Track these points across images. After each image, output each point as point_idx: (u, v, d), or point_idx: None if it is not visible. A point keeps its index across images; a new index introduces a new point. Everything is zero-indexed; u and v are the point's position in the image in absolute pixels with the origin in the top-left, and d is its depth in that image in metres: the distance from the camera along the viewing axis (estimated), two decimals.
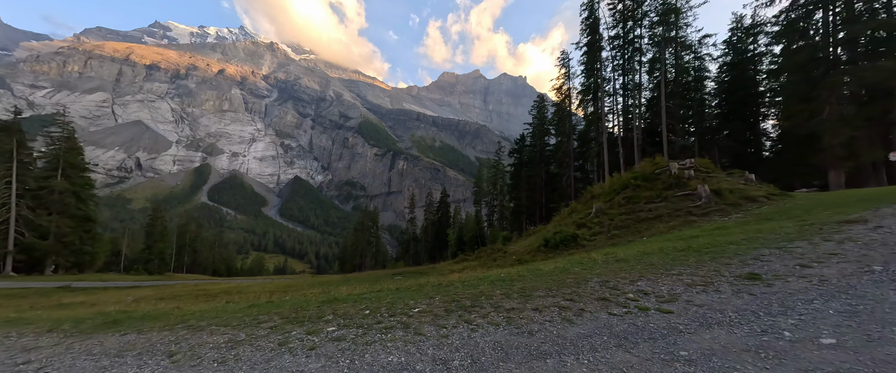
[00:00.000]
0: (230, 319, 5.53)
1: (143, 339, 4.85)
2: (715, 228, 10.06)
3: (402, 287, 7.27)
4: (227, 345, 4.17)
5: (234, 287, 18.40)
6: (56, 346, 4.93)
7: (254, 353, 3.83)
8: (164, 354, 4.13)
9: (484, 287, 5.76)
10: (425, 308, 4.83)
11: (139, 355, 4.16)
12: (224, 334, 4.67)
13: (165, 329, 5.26)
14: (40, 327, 6.29)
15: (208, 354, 3.94)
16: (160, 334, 5.03)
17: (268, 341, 4.19)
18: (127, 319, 6.40)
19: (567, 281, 5.43)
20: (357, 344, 3.73)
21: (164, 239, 60.74)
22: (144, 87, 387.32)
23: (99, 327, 6.00)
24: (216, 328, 5.00)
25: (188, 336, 4.73)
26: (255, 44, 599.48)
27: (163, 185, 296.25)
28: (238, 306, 7.34)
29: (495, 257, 18.84)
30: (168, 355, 4.04)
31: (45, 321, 6.83)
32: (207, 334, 4.72)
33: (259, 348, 3.94)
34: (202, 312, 6.64)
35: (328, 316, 5.00)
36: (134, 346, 4.56)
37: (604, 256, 8.20)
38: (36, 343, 5.16)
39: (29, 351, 4.74)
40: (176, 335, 4.84)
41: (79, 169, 34.03)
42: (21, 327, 6.53)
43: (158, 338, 4.80)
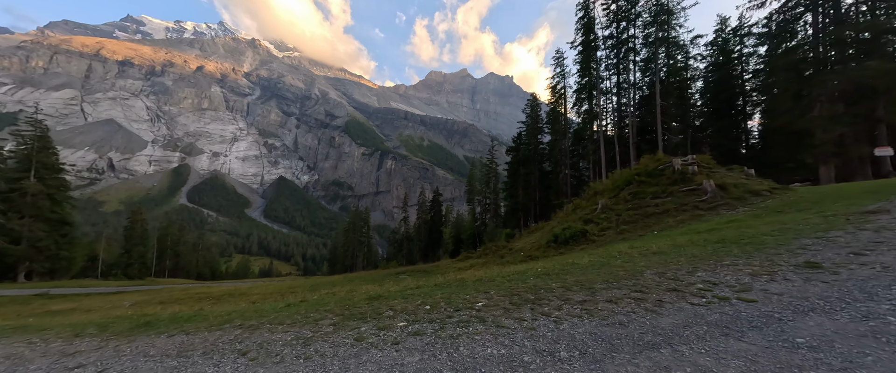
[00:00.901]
0: (280, 317, 5.31)
1: (198, 339, 4.59)
2: (728, 222, 10.35)
3: (441, 284, 7.13)
4: (299, 342, 4.00)
5: (234, 290, 17.75)
6: (99, 349, 4.60)
7: (334, 348, 3.68)
8: (235, 352, 3.93)
9: (534, 282, 5.71)
10: (488, 303, 4.74)
11: (207, 355, 3.93)
12: (286, 332, 4.47)
13: (214, 329, 4.99)
14: (61, 333, 5.86)
15: (285, 351, 3.77)
16: (211, 334, 4.77)
17: (340, 337, 4.03)
18: (157, 321, 6.04)
19: (619, 274, 5.43)
20: (441, 338, 3.62)
21: (144, 242, 58.14)
22: (117, 84, 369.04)
23: (133, 329, 5.65)
24: (272, 326, 4.79)
25: (247, 335, 4.51)
26: (235, 40, 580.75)
27: (138, 186, 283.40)
28: (275, 305, 7.04)
29: (502, 254, 18.89)
30: (241, 354, 3.84)
31: (61, 327, 6.36)
32: (267, 333, 4.50)
33: (336, 344, 3.79)
34: (241, 312, 6.32)
35: (388, 312, 4.84)
36: (192, 346, 4.33)
37: (631, 249, 8.28)
38: (73, 348, 4.82)
39: (72, 356, 4.43)
40: (231, 335, 4.60)
41: (53, 170, 32.01)
42: (37, 333, 6.05)
43: (214, 338, 4.55)
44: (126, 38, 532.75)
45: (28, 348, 5.02)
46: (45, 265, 30.20)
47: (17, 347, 5.14)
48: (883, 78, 14.25)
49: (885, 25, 14.79)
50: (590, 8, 31.34)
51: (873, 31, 15.04)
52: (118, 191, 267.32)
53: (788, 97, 17.45)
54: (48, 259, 30.11)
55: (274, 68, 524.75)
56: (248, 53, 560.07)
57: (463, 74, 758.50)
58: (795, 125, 16.94)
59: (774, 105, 19.67)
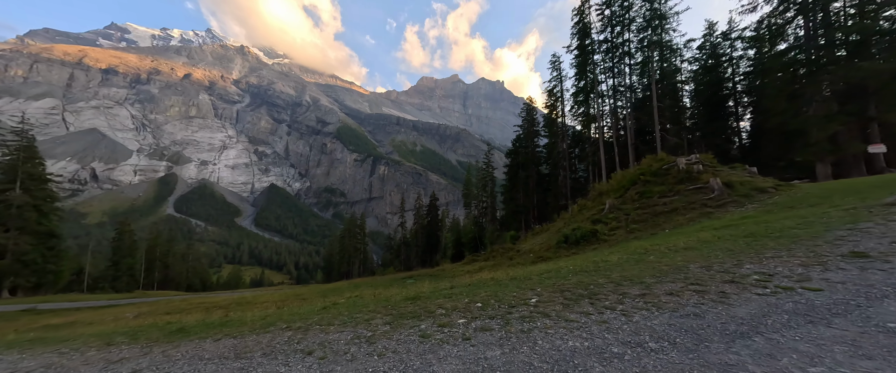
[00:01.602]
0: (325, 319, 5.21)
1: (249, 342, 4.46)
2: (742, 218, 10.54)
3: (476, 284, 7.05)
4: (362, 341, 3.93)
5: (240, 299, 17.26)
6: (146, 355, 4.45)
7: (404, 345, 3.62)
8: (299, 352, 3.84)
9: (576, 278, 5.68)
10: (541, 299, 4.70)
11: (269, 355, 3.83)
12: (341, 332, 4.38)
13: (260, 332, 4.88)
14: (89, 343, 5.62)
15: (352, 349, 3.70)
16: (259, 336, 4.65)
17: (402, 335, 3.97)
18: (191, 328, 5.85)
19: (662, 269, 5.44)
20: (512, 333, 3.59)
21: (132, 254, 56.37)
22: (100, 92, 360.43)
23: (168, 336, 5.46)
24: (323, 327, 4.71)
25: (300, 336, 4.42)
26: (224, 47, 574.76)
27: (123, 197, 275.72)
28: (309, 308, 6.88)
29: (511, 256, 18.87)
30: (306, 354, 3.75)
31: (84, 337, 6.09)
32: (321, 333, 4.41)
33: (403, 341, 3.74)
34: (277, 316, 6.14)
35: (440, 311, 4.77)
36: (247, 348, 4.21)
37: (653, 246, 8.32)
38: (117, 355, 4.64)
39: (120, 362, 4.27)
40: (282, 337, 4.49)
41: (40, 181, 30.86)
42: (60, 344, 5.77)
43: (266, 340, 4.43)
44: (110, 45, 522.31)
45: (62, 357, 4.78)
46: (31, 280, 28.93)
47: (49, 357, 4.90)
48: (874, 78, 14.86)
49: (873, 27, 15.48)
50: (585, 13, 32.03)
51: (862, 33, 15.72)
52: (102, 202, 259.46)
53: (783, 98, 18.03)
54: (34, 273, 28.86)
55: (264, 75, 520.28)
56: (237, 61, 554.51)
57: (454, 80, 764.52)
58: (791, 125, 17.49)
59: (768, 106, 20.28)
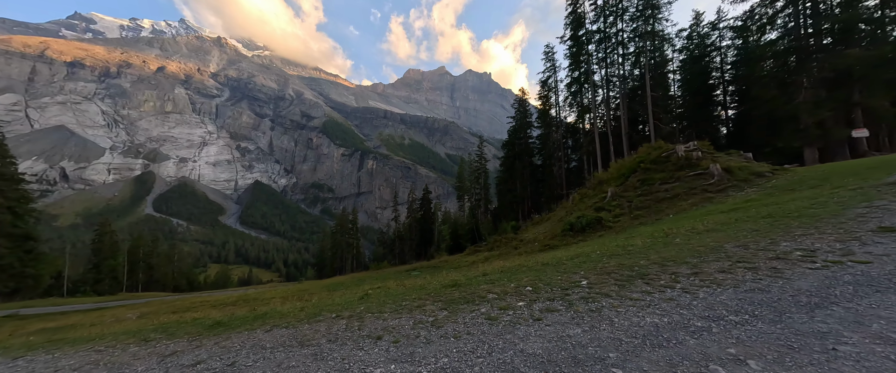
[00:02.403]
0: (372, 307, 5.19)
1: (306, 331, 4.44)
2: (746, 201, 10.93)
3: (511, 269, 7.08)
4: (428, 325, 3.94)
5: (244, 296, 16.88)
6: (198, 348, 4.36)
7: (476, 327, 3.64)
8: (368, 337, 3.83)
9: (615, 261, 5.78)
10: (592, 281, 4.76)
11: (337, 341, 3.81)
12: (398, 318, 4.40)
13: (312, 321, 4.84)
14: (122, 340, 5.44)
15: (422, 333, 3.71)
16: (313, 325, 4.64)
17: (467, 318, 3.99)
18: (229, 321, 5.71)
19: (698, 250, 5.59)
20: (581, 312, 3.66)
21: (114, 256, 54.23)
22: (66, 87, 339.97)
23: (210, 329, 5.32)
24: (376, 315, 4.72)
25: (357, 324, 4.39)
26: (199, 39, 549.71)
27: (97, 197, 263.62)
28: (345, 298, 6.80)
29: (516, 245, 19.08)
30: (376, 339, 3.74)
31: (116, 335, 5.85)
32: (379, 320, 4.43)
33: (471, 325, 3.76)
34: (319, 306, 6.04)
35: (490, 296, 4.80)
36: (307, 336, 4.18)
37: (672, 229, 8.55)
38: (165, 350, 4.50)
39: (176, 355, 4.15)
40: (338, 325, 4.48)
41: (12, 181, 29.04)
42: (89, 343, 5.51)
43: (324, 328, 4.42)
44: (75, 37, 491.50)
45: (103, 354, 4.60)
46: (9, 285, 27.43)
47: (86, 354, 4.71)
48: (860, 65, 15.56)
49: (859, 16, 16.15)
50: (579, 3, 32.07)
51: (848, 22, 16.38)
52: (74, 203, 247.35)
53: (773, 85, 18.69)
54: (12, 278, 27.36)
55: (243, 68, 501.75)
56: (214, 53, 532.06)
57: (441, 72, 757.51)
58: (781, 112, 18.19)
59: (758, 94, 20.99)
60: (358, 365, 3.27)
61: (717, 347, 2.61)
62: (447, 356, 3.14)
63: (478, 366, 2.86)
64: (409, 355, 3.30)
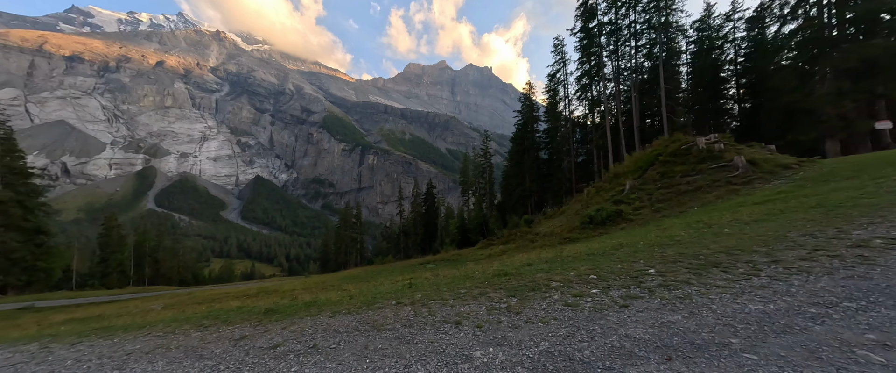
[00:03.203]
0: (433, 295, 5.15)
1: (374, 316, 4.48)
2: (778, 192, 10.80)
3: (556, 259, 7.00)
4: (502, 311, 3.94)
5: (263, 288, 16.87)
6: (266, 333, 4.40)
7: (560, 313, 3.64)
8: (448, 322, 3.84)
9: (674, 250, 5.68)
10: (661, 270, 4.67)
11: (414, 327, 3.82)
12: (468, 305, 4.40)
13: (375, 309, 4.86)
14: (176, 327, 5.39)
15: (502, 319, 3.73)
16: (380, 312, 4.69)
17: (543, 304, 3.99)
18: (280, 308, 5.70)
19: (760, 240, 5.49)
20: (669, 300, 3.64)
21: (122, 250, 54.34)
22: (65, 81, 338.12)
23: (265, 315, 5.36)
24: (442, 302, 4.73)
25: (426, 311, 4.41)
26: (198, 33, 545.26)
27: (98, 192, 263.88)
28: (391, 287, 6.78)
29: (532, 239, 19.02)
30: (455, 324, 3.75)
31: (168, 322, 5.82)
32: (448, 308, 4.43)
33: (551, 311, 3.76)
34: (373, 295, 6.00)
35: (554, 283, 4.83)
36: (377, 322, 4.19)
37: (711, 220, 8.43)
38: (232, 334, 4.55)
39: (245, 340, 4.22)
40: (404, 311, 4.50)
41: (22, 175, 28.92)
42: (144, 330, 5.52)
43: (392, 315, 4.46)
44: (72, 31, 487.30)
45: (168, 339, 4.61)
46: (22, 278, 27.48)
47: (149, 340, 4.72)
48: (885, 55, 15.30)
49: (882, 6, 15.84)
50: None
51: (873, 13, 16.07)
52: (76, 198, 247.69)
53: (793, 76, 18.44)
54: (24, 272, 27.40)
55: (243, 63, 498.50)
56: (214, 47, 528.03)
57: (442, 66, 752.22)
58: (803, 103, 17.97)
59: (778, 85, 20.73)
60: (452, 348, 3.23)
61: (851, 333, 2.51)
62: (546, 340, 3.08)
63: (588, 350, 2.78)
64: (502, 339, 3.25)
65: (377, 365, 3.10)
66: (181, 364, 3.75)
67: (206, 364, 3.66)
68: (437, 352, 3.22)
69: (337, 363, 3.25)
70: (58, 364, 4.26)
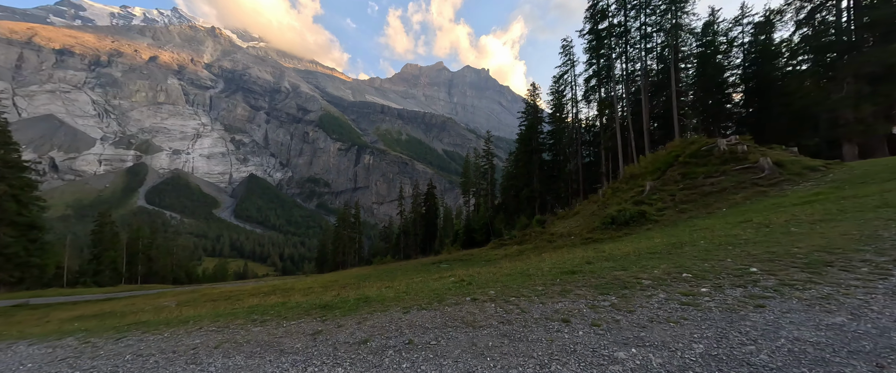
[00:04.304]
0: (508, 292, 4.87)
1: (458, 312, 4.26)
2: (816, 194, 10.68)
3: (621, 256, 6.71)
4: (609, 309, 3.77)
5: (279, 285, 16.33)
6: (340, 328, 4.21)
7: (684, 313, 3.42)
8: (551, 320, 3.64)
9: (761, 249, 5.44)
10: (766, 269, 4.41)
11: (514, 324, 3.61)
12: (560, 302, 4.19)
13: (451, 305, 4.64)
14: (226, 321, 5.17)
15: (617, 317, 3.56)
16: (458, 308, 4.44)
17: (653, 303, 3.77)
18: (334, 305, 5.36)
19: (849, 239, 5.27)
20: (810, 301, 3.38)
21: (115, 247, 52.90)
22: (55, 75, 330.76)
23: (325, 309, 5.07)
24: (526, 299, 4.50)
25: (515, 309, 4.16)
26: (193, 28, 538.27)
27: (87, 188, 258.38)
28: (441, 284, 6.48)
29: (549, 239, 18.77)
30: (563, 321, 3.57)
31: (214, 317, 5.52)
32: (536, 304, 4.25)
33: (671, 310, 3.55)
34: (432, 292, 5.66)
35: (644, 282, 4.56)
36: (467, 319, 3.96)
37: (766, 221, 8.18)
38: (305, 329, 4.33)
39: (322, 334, 4.05)
40: (488, 308, 4.29)
41: (16, 168, 27.89)
42: (186, 324, 5.12)
43: (477, 310, 4.25)
44: (63, 24, 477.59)
45: (230, 333, 4.30)
46: (15, 274, 26.44)
47: (208, 334, 4.43)
48: None
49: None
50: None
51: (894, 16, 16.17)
52: (64, 194, 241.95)
53: (813, 79, 18.53)
54: (18, 267, 26.37)
55: (238, 60, 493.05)
56: (208, 43, 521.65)
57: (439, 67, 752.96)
58: (821, 106, 18.05)
59: (789, 88, 20.84)
60: (582, 347, 3.00)
61: None
62: (697, 343, 2.80)
63: (763, 354, 2.49)
64: (638, 340, 2.98)
65: (506, 364, 2.84)
66: (263, 358, 3.49)
67: (294, 359, 3.39)
68: (568, 351, 2.96)
69: (453, 361, 2.99)
70: (115, 358, 3.91)
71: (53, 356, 4.28)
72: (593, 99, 34.35)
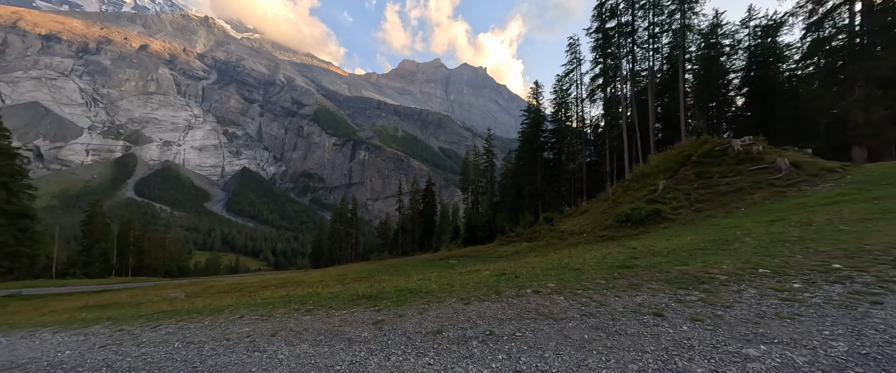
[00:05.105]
0: (569, 284, 4.67)
1: (525, 304, 4.09)
2: (839, 194, 10.68)
3: (665, 251, 6.52)
4: (702, 303, 3.59)
5: (290, 279, 15.89)
6: (402, 318, 4.02)
7: (794, 308, 3.27)
8: (635, 312, 3.50)
9: (830, 246, 5.30)
10: (848, 265, 4.23)
11: (601, 317, 3.50)
12: (636, 296, 4.04)
13: (508, 297, 4.43)
14: (267, 309, 5.06)
15: (723, 313, 3.35)
16: (523, 300, 4.26)
17: (744, 296, 3.63)
18: (379, 295, 5.18)
19: None
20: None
21: (106, 238, 51.58)
22: (41, 61, 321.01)
23: (370, 300, 4.89)
24: (594, 291, 4.36)
25: (588, 301, 4.03)
26: (185, 17, 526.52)
27: (74, 178, 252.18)
28: (478, 278, 6.27)
29: (561, 237, 18.63)
30: (656, 315, 3.44)
31: (252, 306, 5.33)
32: (613, 298, 4.08)
33: (776, 306, 3.36)
34: (487, 285, 5.43)
35: (721, 277, 4.39)
36: (542, 311, 3.78)
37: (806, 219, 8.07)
38: (362, 319, 4.16)
39: (383, 323, 3.92)
40: (556, 300, 4.14)
41: (6, 155, 26.82)
42: (225, 314, 4.88)
43: (549, 303, 4.05)
44: (50, 8, 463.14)
45: (280, 322, 4.18)
46: (4, 264, 25.49)
47: (253, 323, 4.24)
48: None
49: None
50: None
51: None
52: (49, 183, 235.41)
53: (826, 83, 18.69)
54: (7, 257, 25.43)
55: (232, 51, 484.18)
56: (201, 33, 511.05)
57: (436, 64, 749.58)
58: (833, 109, 18.22)
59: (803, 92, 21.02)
60: (699, 343, 2.82)
61: None
62: (834, 340, 2.59)
63: None
64: (761, 336, 2.83)
65: (621, 358, 2.64)
66: (331, 346, 3.32)
67: (369, 347, 3.22)
68: (683, 347, 2.80)
69: (554, 353, 2.80)
70: (161, 345, 3.71)
71: (90, 343, 3.98)
72: (598, 98, 34.35)
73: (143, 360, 3.41)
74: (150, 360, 3.39)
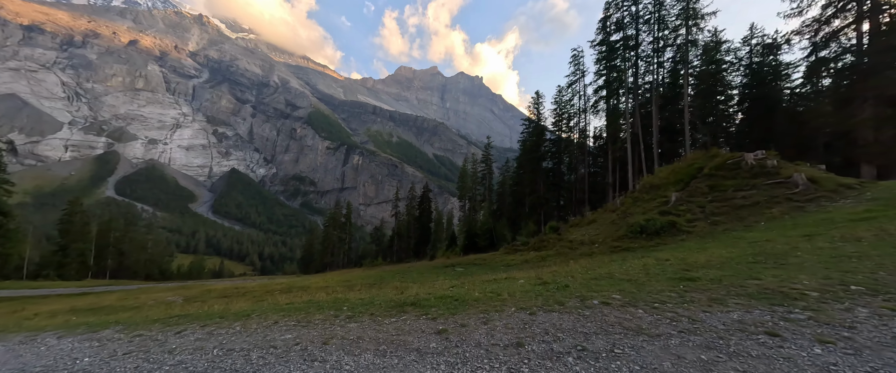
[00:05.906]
0: (633, 298, 4.29)
1: (596, 317, 3.77)
2: (866, 211, 10.52)
3: (726, 260, 6.06)
4: (807, 323, 3.28)
5: (291, 284, 14.92)
6: (463, 326, 3.78)
7: None
8: (747, 332, 3.19)
9: (870, 263, 4.92)
10: None
11: (700, 334, 3.15)
12: (728, 313, 3.68)
13: (580, 308, 4.08)
14: (304, 315, 4.66)
15: (856, 337, 2.98)
16: (594, 311, 3.95)
17: (863, 312, 3.33)
18: (420, 303, 4.67)
19: None
20: None
21: (84, 238, 48.99)
22: (21, 52, 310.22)
23: (414, 307, 4.44)
24: (675, 305, 4.05)
25: (678, 316, 3.67)
26: (178, 14, 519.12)
27: (49, 175, 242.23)
28: (519, 287, 5.75)
29: (571, 247, 18.20)
30: (771, 335, 3.15)
31: (279, 310, 4.91)
32: (706, 315, 3.71)
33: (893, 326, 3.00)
34: (535, 293, 4.91)
35: (812, 294, 4.09)
36: (626, 325, 3.46)
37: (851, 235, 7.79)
38: (419, 327, 3.82)
39: (445, 333, 3.63)
40: (637, 313, 3.84)
41: None
42: (251, 319, 4.34)
43: (628, 316, 3.76)
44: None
45: (329, 330, 3.75)
46: None
47: (291, 330, 3.90)
48: None
49: None
50: (612, 6, 31.85)
51: None
52: (23, 179, 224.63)
53: (832, 101, 19.02)
54: None
55: (226, 50, 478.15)
56: (195, 31, 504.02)
57: (433, 72, 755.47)
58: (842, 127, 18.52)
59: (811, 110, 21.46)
60: (852, 370, 2.31)
61: None
62: None
63: None
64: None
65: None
66: (401, 357, 2.96)
67: (447, 359, 2.87)
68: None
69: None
70: (197, 352, 3.31)
71: (110, 350, 3.49)
72: (601, 109, 34.56)
73: (183, 368, 3.01)
74: (192, 369, 2.98)
